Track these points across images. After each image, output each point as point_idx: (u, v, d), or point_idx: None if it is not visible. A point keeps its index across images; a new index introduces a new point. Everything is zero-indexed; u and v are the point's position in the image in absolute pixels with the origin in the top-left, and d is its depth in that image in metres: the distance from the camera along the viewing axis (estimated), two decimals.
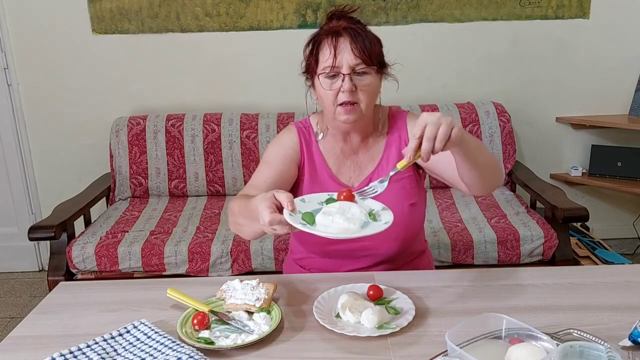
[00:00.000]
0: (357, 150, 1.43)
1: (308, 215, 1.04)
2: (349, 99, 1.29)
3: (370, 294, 1.19)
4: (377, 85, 1.34)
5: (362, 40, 1.29)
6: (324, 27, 1.34)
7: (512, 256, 2.26)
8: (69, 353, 1.01)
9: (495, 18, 2.88)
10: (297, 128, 1.46)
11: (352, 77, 1.29)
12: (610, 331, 1.05)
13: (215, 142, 2.75)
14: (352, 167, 1.43)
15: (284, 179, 1.39)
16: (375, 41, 1.33)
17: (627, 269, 1.41)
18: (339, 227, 1.01)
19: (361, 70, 1.29)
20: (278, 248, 2.26)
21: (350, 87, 1.28)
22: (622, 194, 3.08)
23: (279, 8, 2.84)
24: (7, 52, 2.90)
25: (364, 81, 1.30)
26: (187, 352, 0.99)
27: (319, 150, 1.44)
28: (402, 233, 1.39)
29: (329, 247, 1.41)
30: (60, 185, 3.01)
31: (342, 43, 1.29)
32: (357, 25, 1.32)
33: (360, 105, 1.31)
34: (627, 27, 2.90)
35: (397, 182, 1.38)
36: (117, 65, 2.92)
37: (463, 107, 2.81)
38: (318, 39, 1.33)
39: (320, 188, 1.40)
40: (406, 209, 1.39)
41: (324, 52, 1.30)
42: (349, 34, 1.29)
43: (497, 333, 1.01)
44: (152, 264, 2.26)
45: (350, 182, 1.42)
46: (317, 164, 1.43)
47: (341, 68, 1.29)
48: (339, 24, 1.32)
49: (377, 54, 1.32)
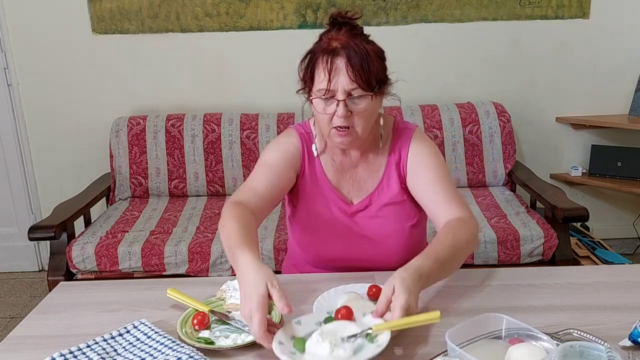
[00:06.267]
0: (357, 164, 1.38)
1: (299, 342, 0.98)
2: (344, 124, 1.23)
3: (371, 294, 1.19)
4: (374, 108, 1.26)
5: (359, 62, 1.19)
6: (323, 39, 1.25)
7: (512, 256, 2.26)
8: (69, 353, 1.01)
9: (495, 18, 2.88)
10: (299, 134, 1.39)
11: (347, 102, 1.21)
12: (610, 331, 1.05)
13: (215, 142, 2.75)
14: (350, 182, 1.39)
15: (283, 185, 1.35)
16: (375, 59, 1.22)
17: (627, 269, 1.41)
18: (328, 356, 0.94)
19: (357, 95, 1.21)
20: (278, 248, 2.26)
21: (345, 113, 1.21)
22: (622, 194, 3.08)
23: (279, 8, 2.84)
24: (7, 52, 2.90)
25: (360, 105, 1.22)
26: (187, 352, 0.99)
27: (319, 161, 1.39)
28: (402, 254, 1.37)
29: (329, 264, 1.39)
30: (60, 185, 3.02)
31: (338, 65, 1.20)
32: (356, 40, 1.22)
33: (356, 129, 1.25)
34: (627, 27, 2.90)
35: (398, 205, 1.36)
36: (117, 65, 2.92)
37: (463, 107, 2.81)
38: (314, 57, 1.24)
39: (321, 198, 1.38)
40: (407, 230, 1.37)
41: (319, 73, 1.22)
42: (346, 55, 1.19)
43: (497, 333, 1.01)
44: (152, 264, 2.26)
45: (350, 197, 1.39)
46: (317, 174, 1.39)
47: (336, 92, 1.21)
48: (338, 36, 1.22)
49: (377, 74, 1.22)
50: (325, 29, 1.28)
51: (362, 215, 1.38)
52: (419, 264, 1.10)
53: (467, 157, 2.76)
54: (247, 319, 0.99)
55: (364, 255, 1.38)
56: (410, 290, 1.02)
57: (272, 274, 1.04)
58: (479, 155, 2.76)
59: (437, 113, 2.77)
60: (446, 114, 2.77)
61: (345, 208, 1.38)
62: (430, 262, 1.12)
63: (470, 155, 2.76)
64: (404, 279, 1.04)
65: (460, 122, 2.75)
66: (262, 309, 0.97)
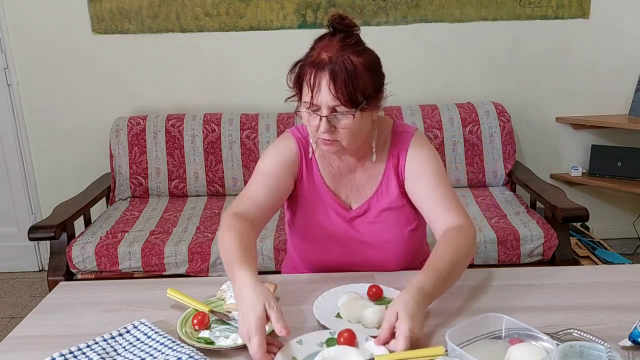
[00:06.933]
0: (355, 169, 1.37)
1: None
2: (328, 137, 1.21)
3: (370, 294, 1.19)
4: (361, 124, 1.22)
5: (343, 78, 1.15)
6: (315, 48, 1.22)
7: (512, 256, 2.26)
8: (69, 353, 1.01)
9: (495, 18, 2.88)
10: (295, 138, 1.38)
11: (330, 118, 1.19)
12: (610, 331, 1.05)
13: (215, 142, 2.75)
14: (349, 187, 1.38)
15: (282, 192, 1.34)
16: (363, 73, 1.18)
17: (627, 269, 1.41)
18: None
19: (341, 111, 1.18)
20: (278, 248, 2.26)
21: (328, 129, 1.19)
22: (622, 194, 3.08)
23: (279, 8, 2.84)
24: (7, 52, 2.90)
25: (343, 122, 1.19)
26: (187, 352, 0.99)
27: (317, 165, 1.38)
28: (402, 258, 1.37)
29: (328, 270, 1.38)
30: (60, 185, 3.01)
31: (321, 80, 1.17)
32: (346, 52, 1.18)
33: (342, 142, 1.23)
34: (627, 27, 2.90)
35: (397, 210, 1.36)
36: (117, 65, 2.92)
37: (463, 107, 2.81)
38: (301, 70, 1.22)
39: (319, 203, 1.37)
40: (406, 235, 1.36)
41: (305, 86, 1.21)
42: (329, 71, 1.16)
43: (497, 333, 1.02)
44: (152, 264, 2.26)
45: (348, 201, 1.38)
46: (315, 178, 1.38)
47: (319, 107, 1.19)
48: (330, 46, 1.19)
49: (363, 90, 1.18)
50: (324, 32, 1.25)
51: (361, 221, 1.37)
52: (422, 283, 1.09)
53: (467, 157, 2.76)
54: (246, 339, 0.99)
55: (363, 261, 1.37)
56: (413, 316, 1.01)
57: (269, 294, 1.04)
58: (479, 155, 2.76)
59: (437, 113, 2.77)
60: (446, 114, 2.77)
61: (344, 213, 1.37)
62: (433, 279, 1.10)
63: (470, 155, 2.76)
64: (407, 304, 1.02)
65: (460, 122, 2.75)
66: (260, 331, 0.97)
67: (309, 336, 1.05)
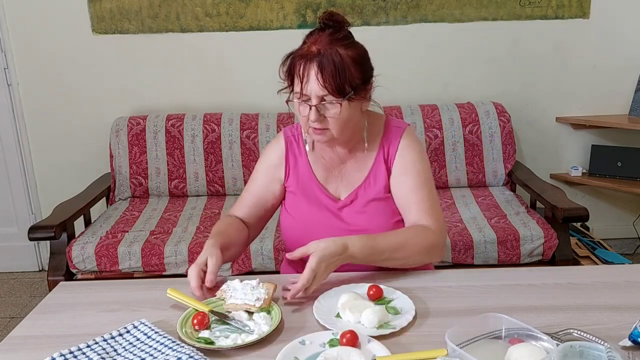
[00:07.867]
0: (345, 159, 1.42)
1: None
2: (318, 126, 1.28)
3: (370, 294, 1.19)
4: (349, 113, 1.29)
5: (331, 69, 1.23)
6: (306, 42, 1.30)
7: (512, 256, 2.26)
8: (69, 353, 1.01)
9: (495, 18, 2.88)
10: (285, 137, 1.47)
11: (319, 107, 1.26)
12: (610, 331, 1.05)
13: (215, 142, 2.75)
14: (339, 177, 1.43)
15: (268, 197, 1.46)
16: (351, 65, 1.25)
17: (627, 269, 1.41)
18: None
19: (329, 101, 1.25)
20: (278, 248, 2.26)
21: (317, 117, 1.26)
22: (622, 194, 3.08)
23: (279, 8, 2.84)
24: (7, 52, 2.90)
25: (332, 111, 1.27)
26: (187, 352, 0.99)
27: (307, 160, 1.44)
28: None
29: None
30: (60, 185, 3.01)
31: (310, 71, 1.24)
32: (335, 45, 1.25)
33: (332, 131, 1.30)
34: (627, 27, 2.90)
35: (383, 201, 1.39)
36: (117, 65, 2.92)
37: (463, 107, 2.81)
38: (292, 62, 1.29)
39: (307, 198, 1.42)
40: (393, 225, 1.39)
41: (295, 77, 1.27)
42: (318, 62, 1.23)
43: (497, 333, 1.02)
44: (152, 264, 2.26)
45: (337, 193, 1.43)
46: (304, 174, 1.43)
47: (309, 97, 1.26)
48: (319, 39, 1.27)
49: (351, 81, 1.25)
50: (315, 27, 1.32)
51: (349, 210, 1.40)
52: (352, 242, 1.22)
53: (467, 157, 2.76)
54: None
55: None
56: (324, 258, 1.17)
57: (215, 251, 1.25)
58: (479, 155, 2.76)
59: (437, 113, 2.77)
60: (446, 114, 2.77)
61: (332, 204, 1.41)
62: (363, 244, 1.24)
63: (470, 155, 2.76)
64: (327, 247, 1.18)
65: (460, 122, 2.75)
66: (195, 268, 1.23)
67: (312, 337, 1.06)
